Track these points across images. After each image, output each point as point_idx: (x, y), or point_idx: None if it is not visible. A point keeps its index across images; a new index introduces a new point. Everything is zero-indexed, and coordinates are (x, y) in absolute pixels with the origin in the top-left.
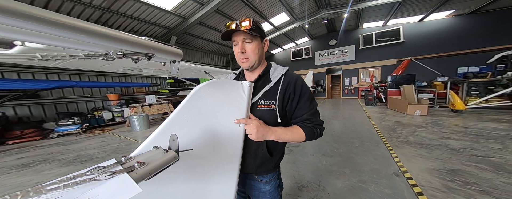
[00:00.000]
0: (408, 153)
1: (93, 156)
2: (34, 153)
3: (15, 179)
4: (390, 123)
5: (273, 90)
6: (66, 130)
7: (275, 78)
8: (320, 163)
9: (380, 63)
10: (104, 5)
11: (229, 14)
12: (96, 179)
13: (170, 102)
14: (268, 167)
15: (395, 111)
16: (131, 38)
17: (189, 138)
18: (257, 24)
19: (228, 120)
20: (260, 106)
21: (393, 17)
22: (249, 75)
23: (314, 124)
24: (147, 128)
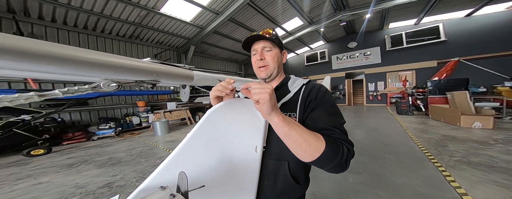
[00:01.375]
0: (471, 177)
1: (121, 160)
2: (79, 154)
3: (62, 178)
4: (436, 137)
5: (293, 101)
6: (104, 133)
7: (295, 89)
8: (345, 181)
9: (414, 65)
10: (137, 21)
11: (242, 22)
12: None
13: (188, 109)
14: (293, 196)
15: (440, 122)
16: (134, 64)
17: (200, 170)
18: (277, 36)
19: (243, 145)
20: None
21: (429, 14)
22: None
23: (339, 138)
24: (167, 133)
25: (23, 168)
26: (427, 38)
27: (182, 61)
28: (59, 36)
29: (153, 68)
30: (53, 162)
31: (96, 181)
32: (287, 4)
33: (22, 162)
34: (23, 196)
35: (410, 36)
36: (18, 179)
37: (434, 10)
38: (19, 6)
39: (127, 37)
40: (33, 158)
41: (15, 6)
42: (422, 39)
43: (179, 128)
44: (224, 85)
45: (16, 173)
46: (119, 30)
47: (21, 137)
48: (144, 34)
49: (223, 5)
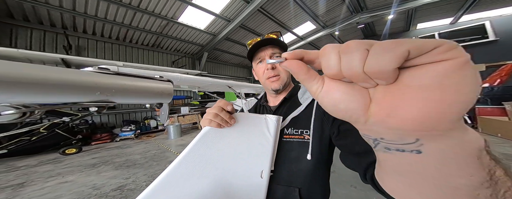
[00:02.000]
0: None
1: (136, 162)
2: (102, 154)
3: (84, 178)
4: None
5: (305, 115)
6: (125, 135)
7: (307, 100)
8: None
9: None
10: (158, 30)
11: (252, 28)
12: None
13: (199, 113)
14: None
15: (497, 137)
16: (41, 73)
17: (194, 195)
18: (283, 40)
19: (245, 170)
20: (287, 137)
21: (470, 12)
22: (272, 99)
23: None
24: (179, 137)
25: (56, 165)
26: (470, 38)
27: (196, 67)
28: (97, 46)
29: (97, 82)
30: (81, 161)
31: (111, 183)
32: (299, 9)
33: (57, 159)
34: (51, 193)
35: (445, 37)
36: (50, 176)
37: (477, 7)
38: (69, 22)
39: (150, 46)
40: (67, 156)
41: (67, 22)
42: (463, 40)
43: (190, 132)
44: (223, 115)
45: (50, 170)
46: (143, 39)
47: (61, 137)
48: (164, 43)
49: (235, 12)
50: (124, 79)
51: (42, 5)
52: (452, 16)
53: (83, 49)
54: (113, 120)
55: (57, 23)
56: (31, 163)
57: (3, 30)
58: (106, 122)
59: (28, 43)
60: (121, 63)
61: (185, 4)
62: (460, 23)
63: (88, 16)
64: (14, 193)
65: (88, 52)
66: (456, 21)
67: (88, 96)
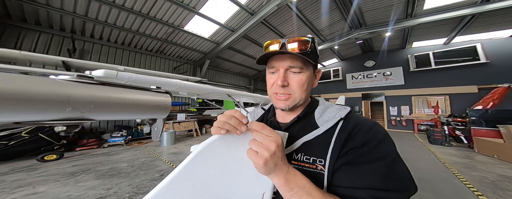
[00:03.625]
0: None
1: (121, 171)
2: (84, 162)
3: (58, 188)
4: (491, 177)
5: (322, 142)
6: (115, 141)
7: (326, 124)
8: None
9: (447, 90)
10: (164, 37)
11: (254, 39)
12: None
13: (196, 120)
14: None
15: (492, 158)
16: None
17: None
18: (315, 46)
19: (245, 192)
20: (295, 163)
21: (462, 34)
22: (282, 115)
23: None
24: (172, 144)
25: (29, 174)
26: (462, 59)
27: (197, 74)
28: (101, 50)
29: (70, 94)
30: (59, 169)
31: (88, 195)
32: (301, 23)
33: (32, 167)
34: None
35: (439, 56)
36: (19, 186)
37: (469, 29)
38: (79, 27)
39: (154, 52)
40: (44, 163)
41: (77, 27)
42: (455, 61)
43: (185, 139)
44: (235, 124)
45: (21, 180)
46: (148, 45)
47: (43, 141)
48: (168, 49)
49: (239, 23)
50: (110, 91)
51: (57, 11)
52: (445, 37)
53: (87, 53)
54: (104, 125)
55: (67, 27)
56: (2, 171)
57: (12, 32)
58: (96, 127)
59: (33, 46)
60: (122, 68)
61: (193, 13)
62: (453, 43)
63: (99, 22)
64: None
65: (92, 56)
66: (450, 41)
67: (53, 113)
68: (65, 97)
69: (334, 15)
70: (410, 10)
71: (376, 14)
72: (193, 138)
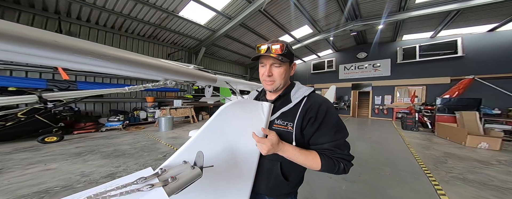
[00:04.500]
0: (463, 192)
1: (125, 152)
2: (86, 144)
3: (69, 166)
4: (437, 153)
5: (293, 111)
6: (112, 125)
7: (296, 99)
8: (339, 188)
9: (425, 81)
10: (157, 22)
11: (252, 27)
12: (140, 189)
13: (192, 107)
14: (283, 191)
15: (445, 140)
16: (183, 69)
17: (210, 154)
18: (289, 49)
19: (246, 139)
20: (276, 126)
21: (448, 28)
22: (270, 95)
23: (338, 157)
24: (171, 130)
25: (35, 153)
26: (443, 52)
27: (192, 61)
28: (90, 34)
29: (195, 72)
30: (63, 150)
31: (100, 171)
32: (298, 12)
33: (35, 147)
34: (33, 180)
35: (425, 49)
36: (29, 164)
37: (453, 23)
38: (64, 7)
39: (146, 37)
40: (46, 144)
41: (61, 8)
42: (437, 53)
43: (182, 125)
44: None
45: (29, 158)
46: (140, 30)
47: (40, 123)
48: (161, 35)
49: (236, 10)
50: (202, 72)
51: None
52: (432, 30)
53: (74, 35)
54: (99, 109)
55: (50, 7)
56: (4, 150)
57: None
58: (91, 111)
59: (15, 21)
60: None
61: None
62: (438, 37)
63: (86, 4)
64: None
65: (80, 37)
66: (436, 35)
67: (191, 78)
68: (194, 73)
69: (331, 6)
70: (403, 3)
71: (372, 6)
72: (190, 124)
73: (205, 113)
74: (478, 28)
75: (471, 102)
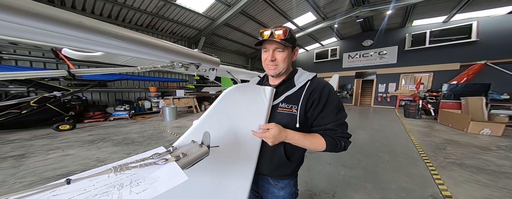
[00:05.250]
0: (458, 176)
1: (134, 140)
2: (98, 132)
3: (85, 152)
4: (437, 140)
5: (296, 95)
6: (119, 115)
7: (300, 84)
8: (337, 174)
9: (433, 67)
10: (154, 11)
11: (252, 15)
12: (156, 163)
13: (195, 97)
14: (285, 172)
15: (447, 127)
16: (189, 51)
17: (216, 135)
18: (291, 34)
19: (249, 122)
20: (280, 109)
21: (463, 11)
22: (273, 80)
23: (339, 136)
24: (175, 119)
25: (53, 140)
26: (455, 38)
27: None
28: None
29: (200, 55)
30: (77, 137)
31: (113, 157)
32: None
33: (51, 135)
34: (55, 164)
35: (436, 35)
36: (49, 149)
37: (470, 6)
38: None
39: (144, 27)
40: (60, 132)
41: None
42: (449, 39)
43: (185, 115)
44: None
45: (48, 145)
46: (137, 19)
47: (52, 112)
48: (160, 24)
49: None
50: (205, 55)
51: None
52: (446, 14)
53: None
54: (105, 98)
55: None
56: (24, 137)
57: None
58: (97, 100)
59: None
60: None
61: None
62: (452, 22)
63: None
64: (17, 162)
65: None
66: (449, 19)
67: (196, 61)
68: (198, 55)
69: None
70: None
71: None
72: (193, 114)
73: (207, 103)
74: (497, 11)
75: (478, 87)
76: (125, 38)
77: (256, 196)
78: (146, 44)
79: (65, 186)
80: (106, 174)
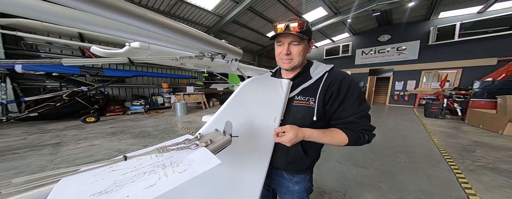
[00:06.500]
0: (490, 181)
1: (150, 133)
2: (118, 125)
3: (108, 143)
4: (465, 142)
5: (313, 87)
6: (136, 109)
7: (317, 75)
8: (348, 173)
9: (462, 63)
10: (166, 10)
11: (260, 11)
12: (189, 147)
13: (203, 93)
14: (301, 167)
15: (477, 128)
16: (219, 41)
17: (234, 126)
18: (308, 26)
19: (265, 114)
20: (296, 102)
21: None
22: (286, 73)
23: (362, 129)
24: (185, 114)
25: (81, 131)
26: (493, 30)
27: None
28: None
29: (226, 45)
30: (101, 129)
31: (132, 148)
32: None
33: (80, 126)
34: (84, 153)
35: (468, 27)
36: (79, 139)
37: None
38: None
39: None
40: (87, 124)
41: None
42: (485, 31)
43: (195, 111)
44: None
45: (78, 135)
46: None
47: (80, 105)
48: None
49: None
50: (230, 45)
51: None
52: (481, 4)
53: None
54: (124, 93)
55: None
56: (58, 127)
57: None
58: (117, 95)
59: None
60: (127, 42)
61: None
62: (489, 12)
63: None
64: (54, 150)
65: None
66: (485, 9)
67: (223, 51)
68: (225, 46)
69: None
70: None
71: None
72: (202, 110)
73: (215, 99)
74: None
75: None
76: (170, 27)
77: (267, 190)
78: (190, 35)
79: (121, 163)
80: (153, 153)
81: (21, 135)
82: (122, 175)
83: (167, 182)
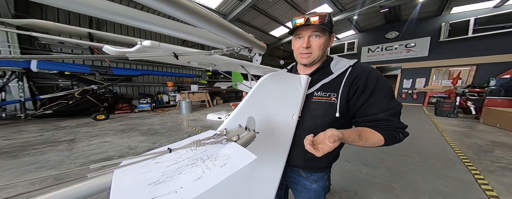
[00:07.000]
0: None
1: (157, 131)
2: (126, 122)
3: (118, 140)
4: (481, 142)
5: (335, 82)
6: (143, 107)
7: (339, 70)
8: (358, 172)
9: (477, 60)
10: None
11: (263, 9)
12: (221, 142)
13: (207, 92)
14: (319, 165)
15: (494, 127)
16: (248, 36)
17: None
18: (330, 18)
19: (283, 111)
20: (316, 98)
21: None
22: (304, 70)
23: (395, 127)
24: (190, 113)
25: (93, 128)
26: (510, 25)
27: (205, 47)
28: (115, 23)
29: (254, 40)
30: (111, 126)
31: (141, 145)
32: None
33: (91, 124)
34: (97, 149)
35: (483, 22)
36: (91, 136)
37: None
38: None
39: None
40: (97, 121)
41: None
42: (502, 26)
43: (199, 109)
44: None
45: (90, 132)
46: None
47: (91, 103)
48: None
49: None
50: (258, 40)
51: None
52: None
53: (103, 25)
54: (131, 91)
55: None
56: (71, 125)
57: (36, 3)
58: (124, 93)
59: (56, 16)
60: (138, 40)
61: None
62: (506, 6)
63: None
64: (70, 146)
65: (107, 28)
66: (503, 3)
67: (251, 45)
68: (253, 40)
69: None
70: None
71: None
72: (207, 109)
73: (218, 98)
74: None
75: None
76: (205, 18)
77: (280, 188)
78: (229, 29)
79: (165, 155)
80: (191, 146)
81: (38, 131)
82: (167, 167)
83: (213, 176)
